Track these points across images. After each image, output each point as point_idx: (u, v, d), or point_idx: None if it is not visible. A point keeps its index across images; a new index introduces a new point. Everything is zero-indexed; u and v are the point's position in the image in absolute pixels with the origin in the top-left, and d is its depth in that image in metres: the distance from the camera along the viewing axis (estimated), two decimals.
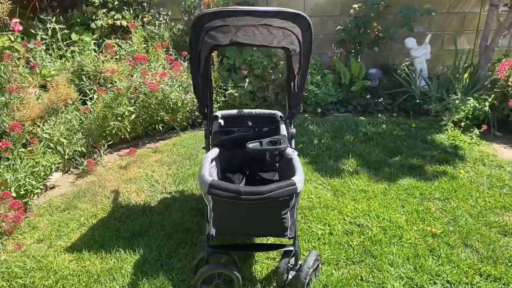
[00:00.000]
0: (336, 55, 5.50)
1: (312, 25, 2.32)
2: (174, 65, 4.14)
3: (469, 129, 4.72)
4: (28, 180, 3.03)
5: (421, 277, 2.54)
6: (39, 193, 3.33)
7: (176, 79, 4.18)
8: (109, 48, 4.20)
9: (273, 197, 2.08)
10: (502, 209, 3.28)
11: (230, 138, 2.68)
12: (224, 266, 2.31)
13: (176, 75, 4.13)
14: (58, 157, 3.43)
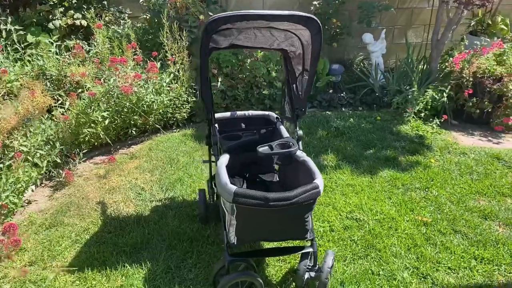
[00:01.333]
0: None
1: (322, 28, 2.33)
2: (150, 67, 3.98)
3: (429, 119, 5.00)
4: (11, 199, 2.79)
5: (425, 266, 2.68)
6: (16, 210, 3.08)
7: (150, 81, 4.03)
8: (78, 50, 3.94)
9: (299, 201, 2.09)
10: (476, 194, 3.53)
11: (238, 143, 2.64)
12: (248, 274, 2.29)
13: (152, 76, 3.97)
14: (36, 170, 3.19)
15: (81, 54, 3.93)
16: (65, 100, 3.69)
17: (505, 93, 4.71)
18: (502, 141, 4.67)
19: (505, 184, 3.68)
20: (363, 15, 5.48)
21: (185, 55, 4.42)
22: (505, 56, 4.89)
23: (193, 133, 4.50)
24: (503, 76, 4.72)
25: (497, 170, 3.95)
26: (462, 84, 4.91)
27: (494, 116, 4.88)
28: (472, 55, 4.99)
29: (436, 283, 2.55)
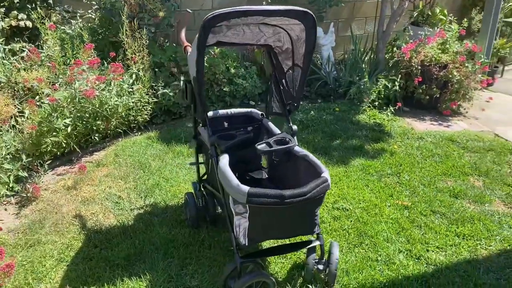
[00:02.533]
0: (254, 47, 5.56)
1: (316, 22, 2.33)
2: (115, 67, 3.75)
3: (382, 108, 5.23)
4: None
5: (416, 247, 2.80)
6: None
7: (112, 83, 3.81)
8: (34, 53, 3.61)
9: (313, 196, 2.09)
10: (443, 175, 3.75)
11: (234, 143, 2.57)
12: (262, 274, 2.26)
13: (117, 78, 3.76)
14: (4, 187, 2.90)
15: (36, 57, 3.62)
16: (24, 108, 3.38)
17: (450, 79, 5.04)
18: (451, 124, 5.01)
19: (465, 164, 3.95)
20: (313, 10, 5.57)
21: (145, 54, 4.23)
22: (448, 44, 5.23)
23: (157, 135, 4.33)
24: (448, 63, 5.05)
25: (454, 151, 4.23)
26: (412, 72, 5.18)
27: (441, 101, 5.21)
28: (418, 44, 5.28)
29: (430, 262, 2.68)
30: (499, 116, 5.25)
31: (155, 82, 4.42)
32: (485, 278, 2.55)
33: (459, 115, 5.26)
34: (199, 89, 2.31)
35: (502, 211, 3.26)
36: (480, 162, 4.00)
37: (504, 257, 2.75)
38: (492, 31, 5.87)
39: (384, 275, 2.55)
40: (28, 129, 3.16)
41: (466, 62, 5.06)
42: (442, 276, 2.56)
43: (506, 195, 3.46)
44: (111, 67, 3.75)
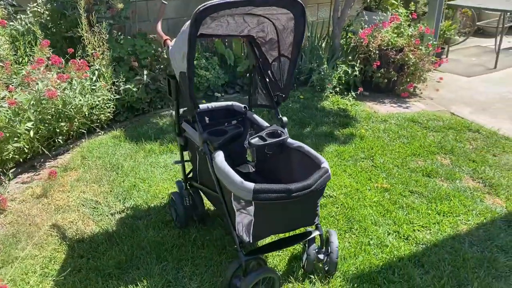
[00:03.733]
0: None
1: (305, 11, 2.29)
2: (81, 65, 3.50)
3: (344, 93, 5.33)
4: None
5: (403, 228, 2.89)
6: None
7: (75, 81, 3.57)
8: None
9: (317, 188, 2.09)
10: (412, 156, 3.89)
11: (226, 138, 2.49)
12: (268, 269, 2.23)
13: (81, 76, 3.51)
14: None
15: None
16: None
17: (406, 62, 5.22)
18: (410, 105, 5.20)
19: (430, 143, 4.12)
20: None
21: (105, 48, 4.00)
22: (402, 28, 5.40)
23: (123, 133, 4.14)
24: (404, 47, 5.22)
25: (418, 132, 4.40)
26: (370, 57, 5.30)
27: (399, 83, 5.38)
28: (374, 29, 5.40)
29: (418, 242, 2.77)
30: (451, 95, 5.52)
31: (116, 78, 4.21)
32: (470, 252, 2.68)
33: (415, 96, 5.47)
34: (190, 85, 2.21)
35: (473, 186, 3.43)
36: (443, 140, 4.19)
37: (483, 230, 2.90)
38: (438, 14, 6.12)
39: (379, 258, 2.61)
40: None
41: (420, 45, 5.25)
42: (432, 254, 2.66)
43: (473, 170, 3.65)
44: (74, 65, 3.50)
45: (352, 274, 2.47)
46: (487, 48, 7.69)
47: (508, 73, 6.35)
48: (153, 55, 4.62)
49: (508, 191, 3.35)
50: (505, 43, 7.37)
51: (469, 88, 5.76)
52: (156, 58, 4.67)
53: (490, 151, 4.00)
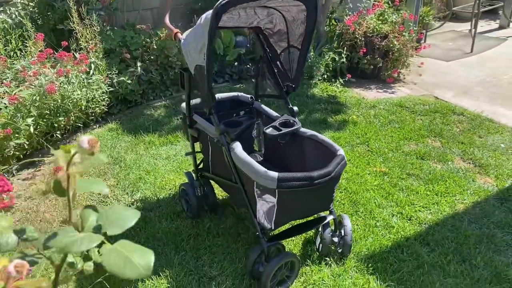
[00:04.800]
0: None
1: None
2: (80, 58, 3.45)
3: (331, 80, 5.43)
4: None
5: (405, 209, 3.03)
6: None
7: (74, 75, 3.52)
8: None
9: (336, 175, 2.18)
10: (404, 140, 4.05)
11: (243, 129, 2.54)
12: (290, 254, 2.31)
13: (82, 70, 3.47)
14: None
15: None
16: None
17: (391, 48, 5.36)
18: (395, 90, 5.36)
19: (420, 127, 4.28)
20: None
21: (97, 41, 3.95)
22: (386, 15, 5.53)
23: (119, 126, 4.12)
24: (388, 33, 5.35)
25: (407, 116, 4.56)
26: (356, 44, 5.41)
27: (384, 69, 5.53)
28: (360, 16, 5.51)
29: (421, 222, 2.92)
30: (433, 79, 5.71)
31: (109, 70, 4.17)
32: (470, 229, 2.85)
33: (399, 81, 5.63)
34: (208, 77, 2.25)
35: (464, 167, 3.61)
36: (431, 124, 4.36)
37: (479, 208, 3.07)
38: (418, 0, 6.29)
39: (387, 238, 2.74)
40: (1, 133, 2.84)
41: (404, 31, 5.39)
42: (435, 232, 2.81)
43: (462, 152, 3.83)
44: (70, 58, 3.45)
45: (364, 255, 2.59)
46: (461, 32, 7.94)
47: (484, 57, 6.61)
48: (143, 46, 4.58)
49: (496, 170, 3.54)
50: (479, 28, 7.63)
51: (449, 73, 5.97)
52: (146, 49, 4.63)
53: (476, 133, 4.19)
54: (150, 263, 0.59)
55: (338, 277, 2.42)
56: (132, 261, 0.56)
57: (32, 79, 3.26)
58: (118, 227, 0.65)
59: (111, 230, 0.65)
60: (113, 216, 0.68)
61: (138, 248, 0.60)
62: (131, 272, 0.56)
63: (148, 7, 5.39)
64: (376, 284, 2.39)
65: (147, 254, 0.59)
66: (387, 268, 2.50)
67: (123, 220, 0.66)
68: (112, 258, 0.58)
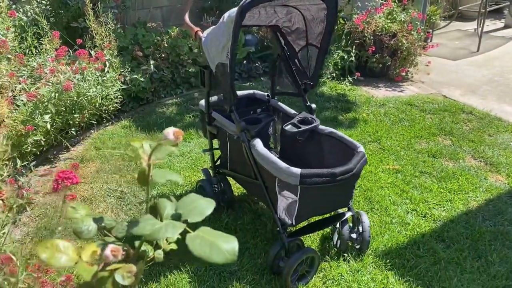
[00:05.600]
0: (209, 24, 5.45)
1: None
2: (97, 56, 3.48)
3: (339, 78, 5.46)
4: None
5: (419, 207, 3.06)
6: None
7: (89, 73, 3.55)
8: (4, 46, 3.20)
9: (357, 172, 2.21)
10: (415, 138, 4.08)
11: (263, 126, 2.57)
12: (310, 249, 2.35)
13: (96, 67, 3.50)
14: None
15: (6, 50, 3.23)
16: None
17: (399, 47, 5.39)
18: (404, 89, 5.38)
19: (430, 125, 4.31)
20: None
21: (112, 38, 3.98)
22: (395, 14, 5.55)
23: (132, 123, 4.15)
24: (397, 32, 5.38)
25: (416, 114, 4.59)
26: (365, 42, 5.44)
27: (392, 68, 5.56)
28: (368, 15, 5.54)
29: (435, 219, 2.95)
30: (441, 78, 5.74)
31: (123, 68, 4.20)
32: (484, 226, 2.88)
33: (408, 80, 5.66)
34: (231, 75, 2.28)
35: (475, 165, 3.64)
36: (441, 122, 4.39)
37: (492, 206, 3.11)
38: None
39: (404, 235, 2.77)
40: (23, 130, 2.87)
41: (413, 30, 5.42)
42: (450, 229, 2.84)
43: (473, 150, 3.86)
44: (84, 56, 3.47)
45: (382, 251, 2.63)
46: (467, 31, 7.96)
47: (490, 56, 6.63)
48: (154, 44, 4.61)
49: (508, 169, 3.57)
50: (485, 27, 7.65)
51: (456, 71, 5.99)
52: (157, 47, 4.66)
53: (485, 131, 4.22)
54: (235, 248, 0.62)
55: (356, 273, 2.46)
56: (219, 247, 0.59)
57: (48, 77, 3.29)
58: (198, 215, 0.68)
59: (192, 218, 0.68)
60: (191, 205, 0.71)
61: (221, 235, 0.63)
62: (218, 257, 0.59)
63: (158, 5, 5.42)
64: (395, 280, 2.42)
65: (232, 240, 0.62)
66: (404, 264, 2.53)
67: (202, 208, 0.69)
68: (197, 244, 0.61)
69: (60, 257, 0.66)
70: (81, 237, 0.77)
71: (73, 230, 0.81)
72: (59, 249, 0.67)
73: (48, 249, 0.66)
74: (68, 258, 0.67)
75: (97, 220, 0.75)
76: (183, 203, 0.72)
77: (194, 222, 0.69)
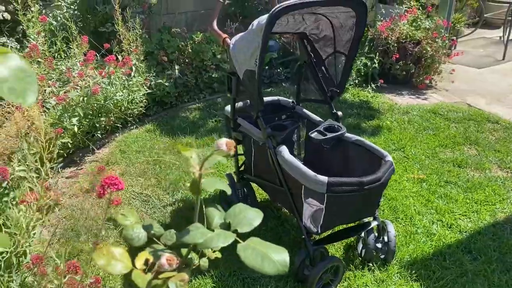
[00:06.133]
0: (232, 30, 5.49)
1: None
2: (124, 61, 3.54)
3: (362, 85, 5.43)
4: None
5: (445, 217, 3.02)
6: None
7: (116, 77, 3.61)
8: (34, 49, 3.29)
9: (385, 181, 2.19)
10: (440, 147, 4.02)
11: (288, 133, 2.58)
12: (335, 258, 2.34)
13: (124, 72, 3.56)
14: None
15: (37, 55, 3.31)
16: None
17: (424, 55, 5.33)
18: (427, 97, 5.33)
19: (455, 134, 4.26)
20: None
21: (138, 43, 4.04)
22: (419, 21, 5.50)
23: (156, 127, 4.20)
24: (421, 40, 5.33)
25: (441, 123, 4.53)
26: (388, 49, 5.40)
27: (416, 75, 5.50)
28: (393, 22, 5.50)
29: (462, 230, 2.91)
30: (465, 86, 5.66)
31: (148, 73, 4.26)
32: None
33: (431, 88, 5.60)
34: (259, 82, 2.29)
35: (502, 176, 3.57)
36: (466, 131, 4.32)
37: None
38: (450, 6, 6.24)
39: (429, 246, 2.74)
40: (54, 132, 2.93)
41: (437, 37, 5.36)
42: (477, 241, 2.79)
43: (500, 161, 3.79)
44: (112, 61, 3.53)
45: (407, 262, 2.60)
46: (492, 39, 7.84)
47: None
48: (179, 49, 4.66)
49: None
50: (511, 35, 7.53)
51: (481, 80, 5.90)
52: (181, 52, 4.71)
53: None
54: (286, 260, 0.62)
55: (381, 283, 2.43)
56: (271, 258, 0.60)
57: (77, 80, 3.36)
58: (247, 226, 0.69)
59: (241, 228, 0.68)
60: (240, 215, 0.71)
61: (271, 246, 0.64)
62: (269, 268, 0.60)
63: (183, 10, 5.48)
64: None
65: (282, 252, 0.63)
66: (430, 275, 2.50)
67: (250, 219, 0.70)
68: (249, 254, 0.62)
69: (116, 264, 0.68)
70: (132, 244, 0.78)
71: (123, 236, 0.82)
72: (115, 256, 0.69)
73: (105, 256, 0.68)
74: (123, 266, 0.68)
75: (147, 227, 0.76)
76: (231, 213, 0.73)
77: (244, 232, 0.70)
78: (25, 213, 2.45)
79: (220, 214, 0.73)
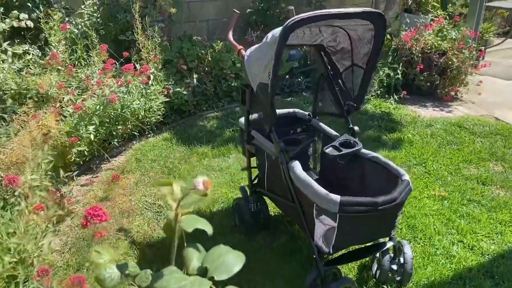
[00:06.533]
0: (253, 38, 5.46)
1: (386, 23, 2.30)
2: (142, 70, 3.56)
3: (384, 96, 5.30)
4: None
5: (467, 238, 2.88)
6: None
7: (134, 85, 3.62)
8: (54, 58, 3.33)
9: (401, 201, 2.10)
10: (464, 162, 3.87)
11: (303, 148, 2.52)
12: (348, 279, 2.25)
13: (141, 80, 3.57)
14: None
15: (56, 62, 3.35)
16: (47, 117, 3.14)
17: (449, 66, 5.17)
18: (452, 109, 5.16)
19: (480, 149, 4.09)
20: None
21: (157, 52, 4.04)
22: (445, 31, 5.35)
23: (173, 136, 4.19)
24: (447, 50, 5.17)
25: (465, 137, 4.36)
26: (412, 60, 5.26)
27: (441, 87, 5.34)
28: (418, 32, 5.36)
29: (484, 252, 2.77)
30: (493, 99, 5.46)
31: (167, 81, 4.25)
32: None
33: (457, 100, 5.42)
34: (272, 95, 2.23)
35: None
36: (492, 147, 4.15)
37: None
38: (478, 16, 6.05)
39: (448, 268, 2.61)
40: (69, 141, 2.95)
41: (464, 48, 5.20)
42: (500, 265, 2.65)
43: None
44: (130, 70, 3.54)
45: (424, 285, 2.48)
46: None
47: None
48: (198, 58, 4.65)
49: None
50: None
51: (510, 92, 5.69)
52: (201, 61, 4.70)
53: None
54: None
55: None
56: None
57: (95, 89, 3.37)
58: (225, 273, 0.63)
59: (218, 275, 0.63)
60: (219, 259, 0.66)
61: None
62: None
63: (204, 18, 5.48)
64: None
65: None
66: None
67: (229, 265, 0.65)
68: None
69: None
70: (103, 285, 0.74)
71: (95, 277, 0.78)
72: None
73: None
74: None
75: (121, 267, 0.71)
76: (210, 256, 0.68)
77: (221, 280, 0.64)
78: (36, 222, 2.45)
79: (199, 256, 0.68)
